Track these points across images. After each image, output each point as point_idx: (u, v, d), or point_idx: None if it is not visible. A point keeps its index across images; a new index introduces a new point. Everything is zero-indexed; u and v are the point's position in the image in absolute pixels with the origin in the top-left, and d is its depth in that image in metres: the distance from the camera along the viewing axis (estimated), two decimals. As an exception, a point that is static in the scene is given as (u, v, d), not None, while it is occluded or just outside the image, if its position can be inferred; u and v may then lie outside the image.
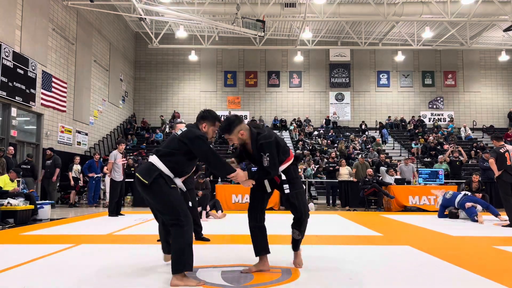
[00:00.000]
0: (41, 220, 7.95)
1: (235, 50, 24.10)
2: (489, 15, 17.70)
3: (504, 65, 24.33)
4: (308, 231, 3.54)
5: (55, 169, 11.94)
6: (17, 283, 2.98)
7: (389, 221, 8.13)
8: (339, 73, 24.74)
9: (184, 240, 2.90)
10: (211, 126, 3.28)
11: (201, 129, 3.22)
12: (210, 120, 3.27)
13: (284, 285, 2.95)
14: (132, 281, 3.07)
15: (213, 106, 24.26)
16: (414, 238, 5.52)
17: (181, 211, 2.96)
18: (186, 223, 2.94)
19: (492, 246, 4.86)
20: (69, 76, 15.78)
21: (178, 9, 17.00)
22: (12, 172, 8.44)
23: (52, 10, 14.62)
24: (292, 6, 17.71)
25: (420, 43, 21.06)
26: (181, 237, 2.91)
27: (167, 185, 3.02)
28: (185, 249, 2.89)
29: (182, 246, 2.90)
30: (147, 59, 24.48)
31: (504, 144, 7.34)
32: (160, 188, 3.01)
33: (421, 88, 24.78)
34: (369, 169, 12.01)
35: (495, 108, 24.43)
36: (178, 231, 2.93)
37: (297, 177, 3.40)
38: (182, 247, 2.89)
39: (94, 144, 17.95)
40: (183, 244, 2.90)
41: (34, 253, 4.14)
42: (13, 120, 12.18)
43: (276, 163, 3.23)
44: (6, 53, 11.69)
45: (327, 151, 17.68)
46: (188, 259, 2.90)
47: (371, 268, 3.55)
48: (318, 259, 3.95)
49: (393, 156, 19.01)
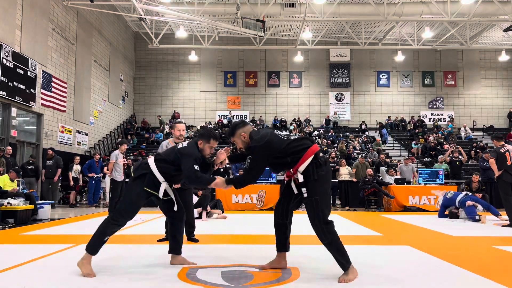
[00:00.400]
0: (41, 220, 7.96)
1: (235, 50, 24.10)
2: (489, 15, 17.70)
3: (504, 65, 24.33)
4: (308, 231, 3.55)
5: (57, 169, 11.93)
6: (17, 283, 2.98)
7: (389, 221, 8.13)
8: (339, 73, 24.75)
9: (104, 229, 3.26)
10: (206, 144, 3.47)
11: (199, 145, 3.46)
12: (205, 138, 3.48)
13: (284, 285, 2.95)
14: (132, 281, 3.07)
15: (213, 106, 24.29)
16: (414, 238, 5.52)
17: (124, 213, 3.28)
18: (117, 223, 3.28)
19: (492, 246, 4.86)
20: (69, 76, 15.78)
21: (178, 9, 17.01)
22: (12, 172, 8.44)
23: (52, 10, 14.62)
24: (292, 6, 17.71)
25: (420, 43, 21.06)
26: (104, 226, 3.27)
27: (141, 187, 3.33)
28: (99, 235, 3.25)
29: (99, 231, 3.27)
30: (147, 59, 24.49)
31: (504, 144, 7.35)
32: (134, 185, 3.36)
33: (421, 88, 24.79)
34: (369, 169, 12.01)
35: (495, 108, 24.44)
36: (107, 221, 3.29)
37: (316, 179, 3.09)
38: (98, 232, 3.26)
39: (94, 144, 17.95)
40: (100, 231, 3.27)
41: (34, 253, 4.14)
42: (13, 120, 12.18)
43: (254, 169, 3.15)
44: (6, 53, 11.69)
45: (327, 151, 17.68)
46: (95, 244, 3.24)
47: (371, 268, 3.55)
48: (318, 259, 3.95)
49: (393, 156, 19.01)
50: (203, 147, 3.46)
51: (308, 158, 3.11)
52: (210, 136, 3.48)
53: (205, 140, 3.46)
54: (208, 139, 3.47)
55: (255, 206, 11.05)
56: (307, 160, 3.11)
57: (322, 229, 3.09)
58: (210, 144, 3.48)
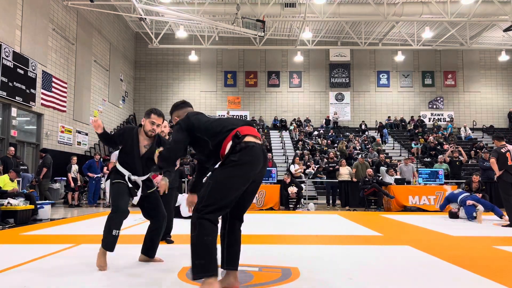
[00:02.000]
0: (41, 220, 7.95)
1: (235, 50, 24.10)
2: (489, 15, 17.70)
3: (504, 65, 24.34)
4: (308, 231, 3.54)
5: (42, 168, 11.78)
6: (17, 283, 2.98)
7: (389, 221, 8.13)
8: (339, 73, 24.75)
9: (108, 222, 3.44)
10: (147, 119, 3.57)
11: (142, 123, 3.63)
12: (146, 114, 3.61)
13: (284, 285, 2.95)
14: (132, 281, 3.07)
15: (213, 106, 24.28)
16: (414, 238, 5.52)
17: (114, 203, 3.48)
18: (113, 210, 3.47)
19: (492, 246, 4.86)
20: (69, 76, 15.78)
21: (178, 9, 17.01)
22: (12, 172, 8.43)
23: (52, 10, 14.62)
24: (292, 6, 17.72)
25: (420, 43, 21.06)
26: (108, 221, 3.45)
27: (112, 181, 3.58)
28: (105, 229, 3.42)
29: (105, 226, 3.44)
30: (147, 59, 24.49)
31: (505, 144, 7.36)
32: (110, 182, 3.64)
33: (421, 88, 24.79)
34: (369, 169, 12.01)
35: (495, 108, 24.44)
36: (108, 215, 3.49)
37: (224, 164, 2.56)
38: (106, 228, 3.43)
39: (94, 144, 17.95)
40: (105, 225, 3.45)
41: (34, 253, 4.14)
42: (13, 120, 12.18)
43: (173, 140, 2.70)
44: (6, 53, 11.69)
45: (327, 151, 17.69)
46: (106, 239, 3.41)
47: (371, 268, 3.55)
48: (318, 259, 3.95)
49: (393, 156, 19.01)
50: (144, 123, 3.58)
51: (229, 142, 2.60)
52: (151, 111, 3.58)
53: (146, 116, 3.57)
54: (149, 114, 3.56)
55: (255, 206, 11.05)
56: (228, 144, 2.60)
57: (193, 219, 2.49)
58: (151, 119, 3.54)
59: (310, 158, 16.31)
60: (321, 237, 5.59)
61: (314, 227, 6.87)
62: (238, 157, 2.51)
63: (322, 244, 4.95)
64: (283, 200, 11.51)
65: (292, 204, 11.62)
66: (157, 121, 3.56)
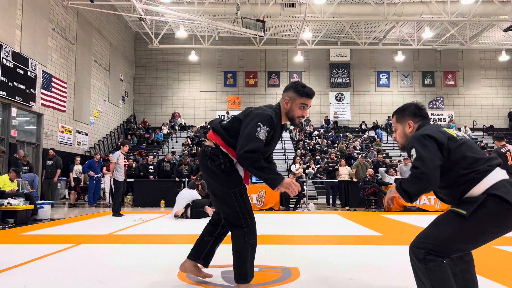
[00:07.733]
0: (41, 220, 7.95)
1: (235, 50, 24.10)
2: (489, 15, 17.70)
3: (504, 65, 24.34)
4: (308, 231, 3.53)
5: (56, 169, 11.93)
6: (17, 283, 2.98)
7: (389, 221, 8.13)
8: (339, 73, 24.75)
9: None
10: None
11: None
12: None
13: (284, 285, 2.95)
14: (132, 281, 3.07)
15: (213, 106, 24.29)
16: (414, 238, 5.50)
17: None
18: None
19: (492, 246, 4.85)
20: (69, 76, 15.78)
21: (178, 9, 17.01)
22: (12, 172, 8.43)
23: (52, 10, 14.62)
24: (292, 6, 17.71)
25: (420, 43, 21.05)
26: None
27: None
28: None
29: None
30: (147, 59, 24.49)
31: (505, 144, 7.37)
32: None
33: (421, 88, 24.79)
34: (369, 169, 12.02)
35: (495, 108, 24.45)
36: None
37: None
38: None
39: (94, 144, 17.95)
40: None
41: (34, 253, 4.14)
42: (13, 120, 12.18)
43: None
44: (6, 53, 11.69)
45: (327, 151, 17.68)
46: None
47: (371, 268, 3.54)
48: (318, 259, 3.94)
49: (393, 156, 19.01)
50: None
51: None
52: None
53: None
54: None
55: (255, 206, 11.05)
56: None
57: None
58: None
59: (310, 158, 16.30)
60: (321, 237, 5.58)
61: (314, 227, 6.87)
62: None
63: (322, 244, 4.94)
64: (283, 200, 11.52)
65: (293, 204, 11.63)
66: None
